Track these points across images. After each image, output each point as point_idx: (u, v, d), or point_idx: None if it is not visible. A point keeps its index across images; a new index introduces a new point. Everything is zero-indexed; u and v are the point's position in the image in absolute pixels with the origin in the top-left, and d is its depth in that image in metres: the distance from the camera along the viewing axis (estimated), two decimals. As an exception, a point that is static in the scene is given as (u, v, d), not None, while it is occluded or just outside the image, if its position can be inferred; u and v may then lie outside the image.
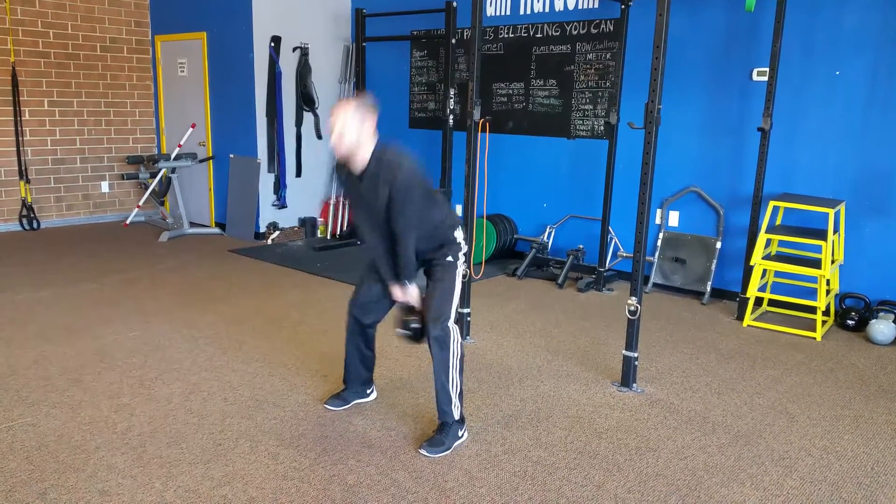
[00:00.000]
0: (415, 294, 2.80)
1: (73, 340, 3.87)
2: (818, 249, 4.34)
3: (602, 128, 5.50)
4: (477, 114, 3.75)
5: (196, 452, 2.69)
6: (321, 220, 7.17)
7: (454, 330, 2.74)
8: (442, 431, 2.75)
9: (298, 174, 6.98)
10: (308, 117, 6.97)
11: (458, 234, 2.83)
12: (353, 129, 2.54)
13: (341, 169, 2.74)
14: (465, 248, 2.85)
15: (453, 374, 2.73)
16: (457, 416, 2.77)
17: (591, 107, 5.58)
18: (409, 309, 2.82)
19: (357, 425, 2.94)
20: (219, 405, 3.11)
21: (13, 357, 3.61)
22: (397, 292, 2.81)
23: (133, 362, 3.58)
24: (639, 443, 2.87)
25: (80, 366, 3.52)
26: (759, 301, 4.76)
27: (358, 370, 3.07)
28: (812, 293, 4.55)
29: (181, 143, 7.09)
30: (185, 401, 3.14)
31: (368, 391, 3.16)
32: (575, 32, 5.58)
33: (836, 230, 4.40)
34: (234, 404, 3.12)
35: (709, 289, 5.00)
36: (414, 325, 2.81)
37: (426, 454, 2.69)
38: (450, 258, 2.79)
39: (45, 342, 3.83)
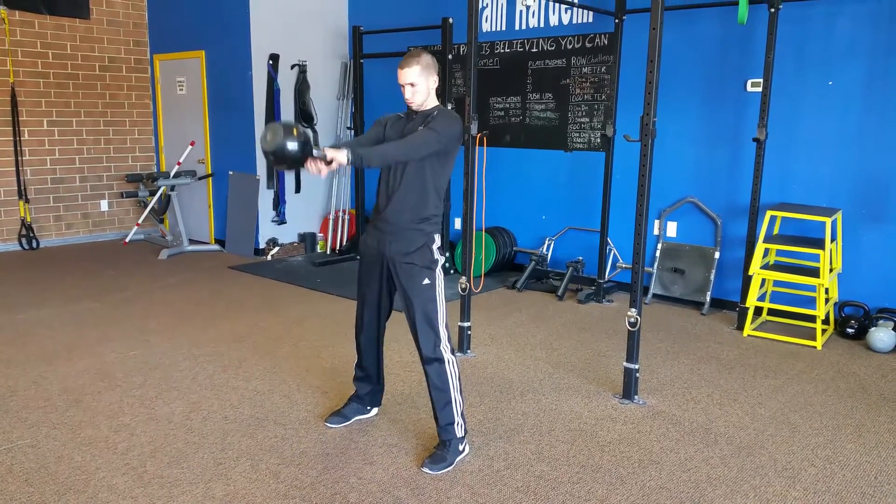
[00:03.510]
0: (335, 161, 2.46)
1: (73, 360, 3.87)
2: (816, 258, 4.35)
3: (599, 140, 5.53)
4: (474, 128, 3.77)
5: (197, 472, 2.68)
6: (321, 235, 7.19)
7: (446, 352, 2.72)
8: (443, 447, 2.75)
9: (297, 190, 7.00)
10: (306, 133, 6.99)
11: (437, 240, 2.77)
12: (424, 85, 2.68)
13: (387, 117, 2.83)
14: (441, 261, 2.78)
15: (454, 394, 2.72)
16: (460, 435, 2.76)
17: (587, 119, 5.61)
18: (309, 141, 2.46)
19: (358, 442, 2.94)
20: (219, 424, 3.10)
21: (13, 377, 3.60)
22: (331, 149, 2.50)
23: (133, 381, 3.57)
24: (641, 455, 2.86)
25: (80, 386, 3.51)
26: (758, 310, 4.76)
27: (366, 387, 3.07)
28: (811, 302, 4.55)
29: (180, 160, 7.12)
30: (185, 420, 3.14)
31: (369, 407, 3.16)
32: (570, 47, 5.63)
33: (833, 239, 4.41)
34: (235, 422, 3.11)
35: (708, 299, 5.00)
36: (292, 141, 2.39)
37: (429, 471, 2.68)
38: (427, 281, 2.71)
39: (45, 362, 3.83)
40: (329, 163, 2.49)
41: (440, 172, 2.74)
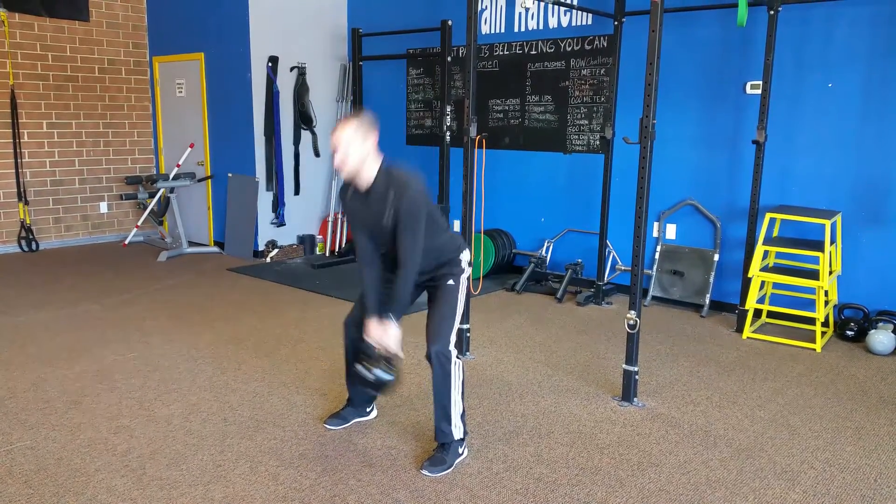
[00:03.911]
0: (394, 338, 2.64)
1: (73, 362, 3.86)
2: (816, 261, 4.35)
3: (598, 142, 5.53)
4: (473, 130, 3.77)
5: (196, 474, 2.68)
6: (320, 237, 7.18)
7: (454, 353, 2.72)
8: (443, 449, 2.74)
9: (297, 192, 7.00)
10: (306, 136, 7.00)
11: (464, 256, 2.80)
12: (357, 149, 2.53)
13: (346, 189, 2.71)
14: (468, 272, 2.81)
15: (455, 395, 2.72)
16: (458, 437, 2.76)
17: (586, 122, 5.62)
18: (380, 355, 2.66)
19: (357, 444, 2.93)
20: (218, 425, 3.10)
21: (12, 379, 3.60)
22: (374, 329, 2.67)
23: (132, 383, 3.57)
24: (641, 458, 2.86)
25: (79, 387, 3.51)
26: (758, 313, 4.76)
27: (360, 390, 3.06)
28: (811, 304, 4.55)
29: (179, 162, 7.12)
30: (184, 421, 3.13)
31: (368, 410, 3.15)
32: (569, 49, 5.63)
33: (833, 241, 4.42)
34: (234, 424, 3.11)
35: (707, 301, 5.00)
36: (379, 373, 2.63)
37: (428, 474, 2.67)
38: (451, 282, 2.74)
39: (45, 364, 3.83)
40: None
41: (430, 231, 2.64)
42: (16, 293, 5.35)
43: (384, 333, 2.65)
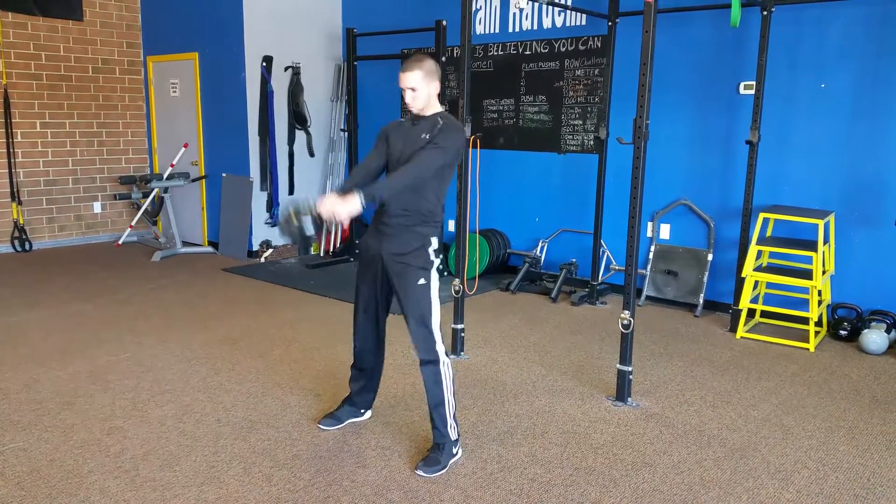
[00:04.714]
0: (348, 211, 2.50)
1: (66, 362, 3.85)
2: (809, 260, 4.37)
3: (592, 142, 5.54)
4: (468, 130, 3.77)
5: (189, 475, 2.67)
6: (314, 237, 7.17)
7: (441, 352, 2.73)
8: (437, 450, 2.74)
9: (291, 192, 6.98)
10: (300, 135, 6.98)
11: (434, 243, 2.77)
12: (425, 91, 2.69)
13: (398, 124, 2.84)
14: (437, 264, 2.79)
15: (447, 395, 2.72)
16: (454, 437, 2.76)
17: (580, 122, 5.62)
18: (314, 211, 2.58)
19: (351, 445, 2.93)
20: (212, 426, 3.09)
21: (4, 380, 3.58)
22: (331, 198, 2.55)
23: (126, 384, 3.56)
24: (635, 458, 2.86)
25: (72, 388, 3.49)
26: (751, 312, 4.78)
27: (361, 390, 3.07)
28: (804, 304, 4.57)
29: (173, 162, 7.10)
30: (178, 422, 3.12)
31: (363, 410, 3.15)
32: (563, 49, 5.64)
33: (826, 241, 4.43)
34: (228, 425, 3.10)
35: (701, 301, 5.01)
36: (307, 224, 2.57)
37: (422, 474, 2.67)
38: (422, 281, 2.71)
39: (37, 364, 3.81)
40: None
41: (441, 180, 2.74)
42: (8, 293, 5.32)
43: (340, 203, 2.52)
